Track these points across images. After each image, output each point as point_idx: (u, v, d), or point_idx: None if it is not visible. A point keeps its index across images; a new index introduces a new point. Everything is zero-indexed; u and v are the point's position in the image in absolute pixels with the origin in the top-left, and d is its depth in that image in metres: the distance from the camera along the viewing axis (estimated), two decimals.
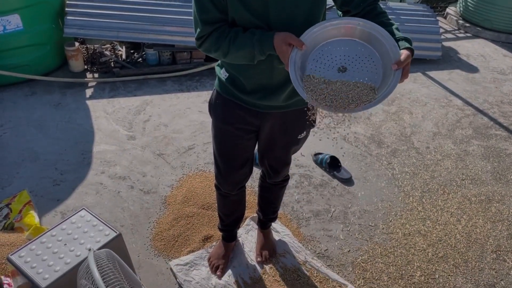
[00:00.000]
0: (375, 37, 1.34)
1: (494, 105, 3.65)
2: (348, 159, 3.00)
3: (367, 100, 1.29)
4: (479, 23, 4.81)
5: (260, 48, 1.39)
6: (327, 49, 1.38)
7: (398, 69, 1.29)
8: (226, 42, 1.44)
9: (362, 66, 1.37)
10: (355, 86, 1.32)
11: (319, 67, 1.37)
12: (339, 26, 1.35)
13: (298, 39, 1.32)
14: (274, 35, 1.36)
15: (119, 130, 3.16)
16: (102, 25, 3.72)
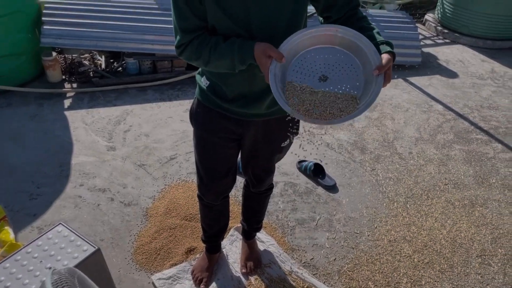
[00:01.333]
0: (355, 44, 1.33)
1: (474, 110, 3.69)
2: (332, 166, 2.99)
3: (349, 111, 1.27)
4: (457, 29, 4.89)
5: (240, 58, 1.37)
6: (307, 57, 1.36)
7: (379, 74, 1.28)
8: (207, 51, 1.42)
9: (343, 74, 1.35)
10: (336, 97, 1.30)
11: (299, 77, 1.35)
12: (318, 34, 1.33)
13: (277, 52, 1.30)
14: (254, 46, 1.34)
15: (99, 141, 3.09)
16: (81, 34, 3.65)
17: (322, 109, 1.28)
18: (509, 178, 2.94)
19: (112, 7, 3.86)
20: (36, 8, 3.70)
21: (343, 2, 1.46)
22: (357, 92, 1.33)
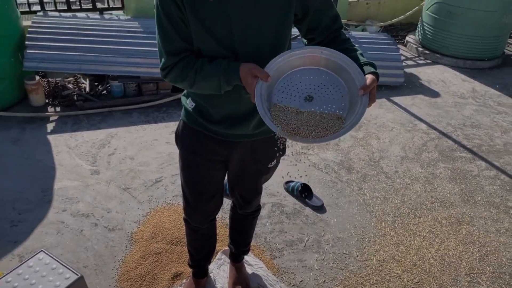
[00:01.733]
0: (339, 65, 1.34)
1: (457, 128, 3.74)
2: (319, 186, 2.98)
3: (334, 130, 1.28)
4: (438, 50, 5.00)
5: (226, 79, 1.37)
6: (292, 78, 1.37)
7: (364, 94, 1.29)
8: (192, 73, 1.41)
9: (329, 95, 1.36)
10: (322, 117, 1.31)
11: (285, 97, 1.36)
12: (303, 55, 1.34)
13: (263, 71, 1.30)
14: (240, 67, 1.34)
15: (82, 164, 3.03)
16: (64, 58, 3.63)
17: (308, 128, 1.28)
18: (493, 196, 2.97)
19: (96, 30, 3.85)
20: (19, 32, 3.67)
21: (326, 24, 1.48)
22: (342, 112, 1.34)
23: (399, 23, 5.76)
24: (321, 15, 1.47)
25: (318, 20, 1.47)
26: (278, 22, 1.42)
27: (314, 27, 1.49)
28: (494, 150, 3.47)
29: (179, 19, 1.38)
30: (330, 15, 1.49)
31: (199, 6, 1.36)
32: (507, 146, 3.52)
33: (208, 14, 1.37)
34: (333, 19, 1.50)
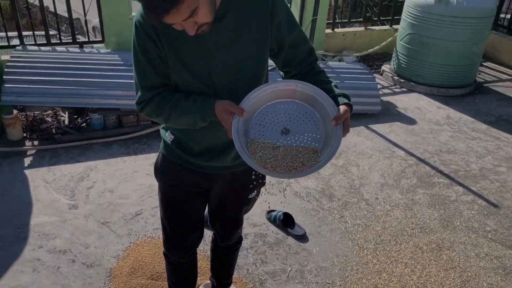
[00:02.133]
0: (313, 98, 1.38)
1: (434, 154, 3.82)
2: (301, 214, 2.98)
3: (310, 165, 1.31)
4: (412, 78, 5.15)
5: (201, 116, 1.39)
6: (268, 112, 1.40)
7: (337, 124, 1.32)
8: (167, 108, 1.43)
9: (304, 127, 1.39)
10: (298, 151, 1.34)
11: (262, 131, 1.38)
12: (278, 89, 1.37)
13: (238, 108, 1.33)
14: (215, 103, 1.37)
15: (60, 199, 2.98)
16: (43, 91, 3.61)
17: (284, 164, 1.31)
18: (472, 220, 3.01)
19: (76, 63, 3.86)
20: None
21: (301, 57, 1.53)
22: (318, 144, 1.37)
23: (375, 53, 5.93)
24: (296, 49, 1.52)
25: (293, 54, 1.52)
26: (255, 57, 1.45)
27: (290, 60, 1.54)
28: (470, 175, 3.54)
29: (156, 56, 1.41)
30: (304, 49, 1.53)
31: (176, 42, 1.38)
32: (483, 171, 3.60)
33: (186, 51, 1.40)
34: (307, 53, 1.55)
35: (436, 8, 4.73)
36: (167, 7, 1.16)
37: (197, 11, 1.22)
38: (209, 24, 1.30)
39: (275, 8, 1.42)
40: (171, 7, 1.16)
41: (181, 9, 1.18)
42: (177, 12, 1.18)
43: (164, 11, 1.17)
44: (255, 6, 1.40)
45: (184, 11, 1.20)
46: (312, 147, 1.36)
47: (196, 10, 1.22)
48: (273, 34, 1.45)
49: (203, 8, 1.24)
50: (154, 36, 1.37)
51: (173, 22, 1.23)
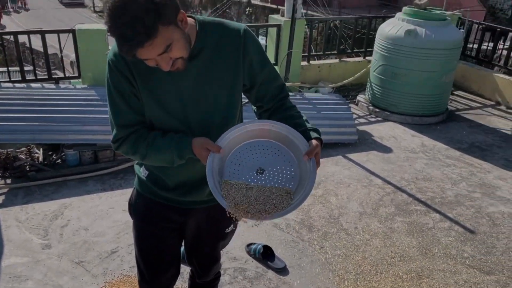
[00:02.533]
0: (288, 138, 1.40)
1: (411, 182, 3.88)
2: (281, 246, 2.95)
3: (282, 207, 1.32)
4: (387, 108, 5.28)
5: (178, 153, 1.40)
6: (244, 151, 1.42)
7: (309, 159, 1.34)
8: (144, 146, 1.44)
9: (279, 166, 1.41)
10: (271, 192, 1.35)
11: (237, 170, 1.40)
12: (253, 129, 1.40)
13: (215, 145, 1.35)
14: (192, 141, 1.38)
15: (33, 239, 2.88)
16: (17, 128, 3.56)
17: (257, 206, 1.32)
18: (450, 247, 3.04)
19: (51, 99, 3.84)
20: None
21: (273, 93, 1.57)
22: (293, 183, 1.38)
23: (350, 84, 6.08)
24: (268, 85, 1.55)
25: (265, 90, 1.55)
26: (228, 93, 1.48)
27: (262, 96, 1.57)
28: (446, 202, 3.60)
29: (130, 93, 1.42)
30: (276, 86, 1.57)
31: (150, 79, 1.40)
32: (458, 198, 3.66)
33: (159, 88, 1.41)
34: (279, 89, 1.58)
35: (406, 41, 4.91)
36: (141, 39, 1.18)
37: (171, 46, 1.25)
38: (184, 59, 1.32)
39: (247, 46, 1.46)
40: (145, 40, 1.18)
41: (155, 43, 1.20)
42: (151, 46, 1.20)
43: (137, 44, 1.19)
44: (228, 45, 1.44)
45: (159, 46, 1.22)
46: (286, 188, 1.37)
47: (170, 45, 1.24)
48: (246, 70, 1.49)
49: (178, 43, 1.27)
50: (128, 73, 1.39)
51: (147, 57, 1.25)
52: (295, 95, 4.86)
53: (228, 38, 1.44)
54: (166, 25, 1.21)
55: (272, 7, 20.03)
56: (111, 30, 1.20)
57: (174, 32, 1.24)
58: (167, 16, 1.21)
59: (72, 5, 30.42)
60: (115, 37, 1.21)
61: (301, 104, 4.58)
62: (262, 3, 21.60)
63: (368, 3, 19.55)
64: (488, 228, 3.27)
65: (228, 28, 1.46)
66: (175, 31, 1.24)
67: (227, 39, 1.44)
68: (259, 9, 21.28)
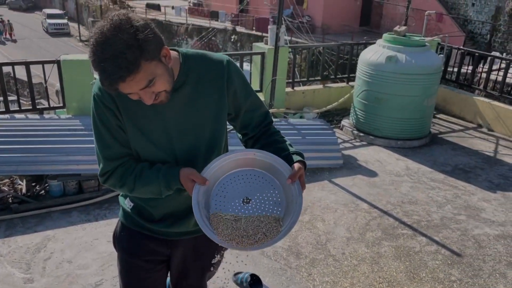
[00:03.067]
0: (272, 165, 1.42)
1: (397, 206, 3.90)
2: (269, 275, 2.92)
3: (273, 235, 1.32)
4: (371, 132, 5.35)
5: (166, 184, 1.41)
6: (228, 181, 1.43)
7: (293, 182, 1.36)
8: (132, 179, 1.44)
9: (265, 194, 1.42)
10: (259, 221, 1.35)
11: (223, 201, 1.40)
12: (238, 158, 1.41)
13: (200, 177, 1.37)
14: (179, 171, 1.39)
15: (14, 273, 2.81)
16: (0, 160, 3.51)
17: (247, 237, 1.32)
18: (437, 271, 3.04)
19: (35, 130, 3.81)
20: None
21: (257, 121, 1.59)
22: (280, 211, 1.38)
23: (334, 109, 6.17)
24: (252, 113, 1.58)
25: (250, 118, 1.58)
26: (213, 122, 1.50)
27: (247, 124, 1.59)
28: (432, 225, 3.62)
29: (116, 126, 1.42)
30: (260, 113, 1.60)
31: (135, 112, 1.41)
32: (444, 220, 3.69)
33: (144, 119, 1.42)
34: (263, 116, 1.61)
35: (387, 67, 5.03)
36: (122, 74, 1.19)
37: (154, 81, 1.27)
38: (167, 92, 1.34)
39: (230, 77, 1.49)
40: (127, 75, 1.20)
41: (137, 77, 1.22)
42: (132, 80, 1.22)
43: (119, 78, 1.20)
44: (211, 76, 1.47)
45: (141, 80, 1.24)
46: (274, 215, 1.37)
47: (153, 80, 1.26)
48: (230, 100, 1.52)
49: (161, 78, 1.29)
50: (113, 106, 1.40)
51: (129, 91, 1.26)
52: (280, 121, 4.91)
53: (211, 70, 1.47)
54: (149, 61, 1.23)
55: (257, 34, 20.39)
56: (94, 64, 1.22)
57: (157, 67, 1.26)
58: (150, 52, 1.23)
59: (58, 35, 30.53)
60: (98, 71, 1.23)
61: (286, 129, 4.62)
62: (247, 30, 21.98)
63: (350, 29, 20.04)
64: (474, 251, 3.29)
65: (211, 60, 1.49)
66: (158, 66, 1.27)
67: (210, 70, 1.47)
68: (244, 36, 21.64)
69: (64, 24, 31.52)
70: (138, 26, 1.21)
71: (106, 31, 1.19)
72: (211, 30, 22.92)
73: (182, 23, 24.93)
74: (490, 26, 18.43)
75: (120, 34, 1.18)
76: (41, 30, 32.06)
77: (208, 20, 24.20)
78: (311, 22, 21.20)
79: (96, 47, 1.20)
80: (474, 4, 18.84)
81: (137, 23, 1.22)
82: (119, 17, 1.21)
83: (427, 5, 16.03)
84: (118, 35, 1.18)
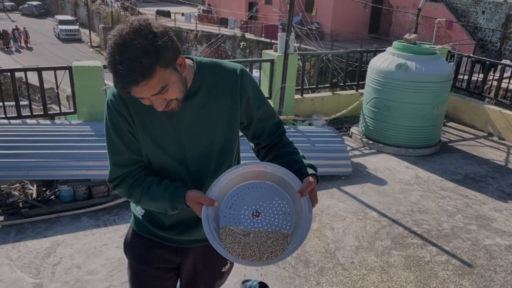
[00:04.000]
0: (282, 179, 1.41)
1: (406, 215, 3.87)
2: (277, 283, 2.91)
3: (279, 253, 1.32)
4: (380, 140, 5.33)
5: (171, 204, 1.42)
6: (238, 194, 1.42)
7: (303, 196, 1.35)
8: (139, 191, 1.45)
9: (275, 208, 1.41)
10: (267, 237, 1.35)
11: (233, 214, 1.40)
12: (248, 171, 1.40)
13: (208, 199, 1.36)
14: (185, 194, 1.39)
15: (24, 278, 2.83)
16: (11, 165, 3.55)
17: (254, 252, 1.31)
18: (447, 281, 3.00)
19: (46, 136, 3.85)
20: None
21: (270, 131, 1.59)
22: (290, 226, 1.38)
23: (343, 116, 6.16)
24: (265, 123, 1.58)
25: (262, 127, 1.58)
26: (225, 130, 1.50)
27: (259, 133, 1.59)
28: (442, 234, 3.58)
29: (128, 132, 1.43)
30: (273, 123, 1.60)
31: (147, 119, 1.42)
32: (455, 230, 3.65)
33: (156, 127, 1.43)
34: (276, 126, 1.61)
35: (397, 74, 5.01)
36: (136, 78, 1.20)
37: (167, 88, 1.27)
38: (178, 100, 1.34)
39: (243, 86, 1.49)
40: (141, 80, 1.21)
41: (151, 83, 1.23)
42: (146, 85, 1.23)
43: (133, 82, 1.21)
44: (224, 84, 1.47)
45: (154, 87, 1.25)
46: (282, 232, 1.37)
47: (166, 87, 1.27)
48: (243, 109, 1.52)
49: (174, 86, 1.29)
50: (126, 113, 1.41)
51: (141, 96, 1.27)
52: (289, 128, 4.90)
53: (225, 78, 1.48)
54: (164, 68, 1.24)
55: (265, 41, 20.47)
56: (110, 65, 1.23)
57: (171, 75, 1.27)
58: (166, 59, 1.24)
59: (69, 41, 30.89)
60: (112, 73, 1.23)
61: (295, 137, 4.61)
62: (256, 37, 22.07)
63: (359, 36, 20.05)
64: (485, 261, 3.24)
65: (225, 68, 1.49)
66: (172, 74, 1.28)
67: (224, 79, 1.48)
68: (253, 43, 21.73)
69: (76, 30, 31.90)
70: (157, 33, 1.22)
71: (125, 34, 1.20)
72: (220, 37, 23.06)
73: (191, 29, 25.13)
74: (500, 33, 18.33)
75: (138, 38, 1.19)
76: (52, 36, 32.46)
77: (218, 27, 24.36)
78: (320, 29, 21.25)
79: (114, 49, 1.21)
80: (484, 12, 18.76)
81: (156, 29, 1.23)
82: (139, 22, 1.22)
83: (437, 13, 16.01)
84: (136, 39, 1.19)
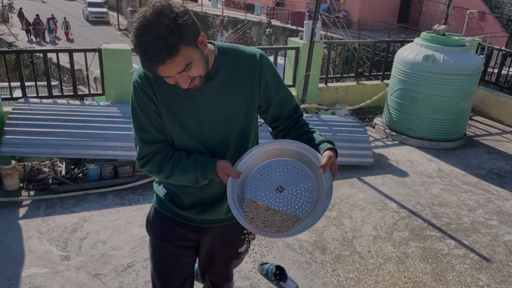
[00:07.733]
0: (303, 155, 1.46)
1: (426, 207, 3.86)
2: (294, 267, 2.97)
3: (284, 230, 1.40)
4: (404, 131, 5.29)
5: (203, 174, 1.48)
6: (264, 171, 1.50)
7: (325, 171, 1.39)
8: (169, 166, 1.51)
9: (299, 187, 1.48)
10: (282, 217, 1.43)
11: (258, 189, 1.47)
12: (270, 149, 1.47)
13: (234, 171, 1.43)
14: (216, 163, 1.46)
15: (53, 250, 2.97)
16: (42, 142, 3.69)
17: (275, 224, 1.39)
18: (464, 275, 3.01)
19: (75, 115, 3.98)
20: None
21: (287, 114, 1.64)
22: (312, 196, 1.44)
23: (367, 107, 6.11)
24: (283, 107, 1.62)
25: (280, 111, 1.63)
26: (244, 113, 1.55)
27: (277, 117, 1.64)
28: (462, 228, 3.57)
29: (153, 112, 1.50)
30: (290, 107, 1.64)
31: (170, 99, 1.48)
32: (475, 225, 3.63)
33: (179, 107, 1.49)
34: (293, 110, 1.65)
35: (424, 66, 4.94)
36: (163, 57, 1.27)
37: (191, 65, 1.34)
38: (201, 77, 1.41)
39: (262, 70, 1.54)
40: (167, 58, 1.27)
41: (176, 61, 1.29)
42: (172, 63, 1.29)
43: (160, 60, 1.27)
44: (244, 68, 1.52)
45: (179, 64, 1.31)
46: (296, 215, 1.44)
47: (190, 64, 1.33)
48: (262, 93, 1.56)
49: (197, 63, 1.36)
50: (151, 93, 1.48)
51: (167, 74, 1.34)
52: (312, 117, 4.92)
53: (244, 62, 1.52)
54: (187, 45, 1.30)
55: (291, 28, 20.30)
56: (136, 47, 1.29)
57: (194, 52, 1.33)
58: (189, 37, 1.30)
59: (98, 23, 31.33)
60: (139, 54, 1.30)
61: (317, 125, 4.63)
62: (282, 24, 21.90)
63: (387, 26, 19.64)
64: (504, 257, 3.22)
65: (245, 53, 1.54)
66: (195, 52, 1.34)
67: (243, 63, 1.52)
68: (279, 30, 21.57)
69: (104, 13, 32.28)
70: (178, 12, 1.28)
71: (148, 15, 1.26)
72: (246, 23, 22.98)
73: (218, 14, 25.10)
74: None
75: (162, 18, 1.25)
76: (81, 18, 32.95)
77: (244, 13, 24.25)
78: (347, 17, 20.91)
79: (139, 30, 1.27)
80: None
81: (177, 9, 1.29)
82: (160, 3, 1.28)
83: (470, 3, 15.52)
84: (160, 20, 1.25)
